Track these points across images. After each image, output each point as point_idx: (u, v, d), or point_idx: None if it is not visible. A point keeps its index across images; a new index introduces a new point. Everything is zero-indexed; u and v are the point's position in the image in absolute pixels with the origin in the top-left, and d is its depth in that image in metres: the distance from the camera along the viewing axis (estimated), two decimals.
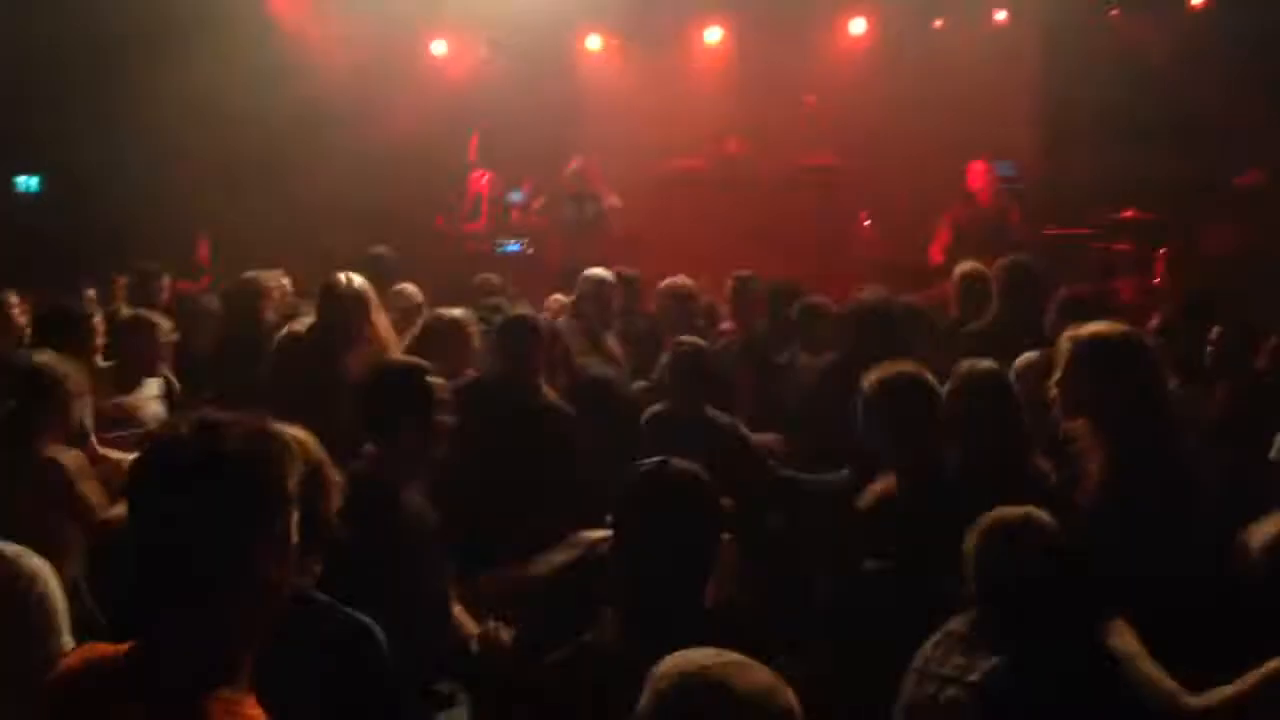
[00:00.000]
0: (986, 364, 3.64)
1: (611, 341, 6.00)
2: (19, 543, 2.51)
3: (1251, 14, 9.74)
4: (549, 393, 4.55)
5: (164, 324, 5.17)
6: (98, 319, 5.09)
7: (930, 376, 3.58)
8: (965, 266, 6.03)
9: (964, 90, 11.15)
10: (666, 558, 2.38)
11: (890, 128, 11.02)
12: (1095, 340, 3.36)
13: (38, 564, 2.47)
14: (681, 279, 6.29)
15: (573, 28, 11.72)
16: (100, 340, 5.01)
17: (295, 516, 1.72)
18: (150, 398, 5.05)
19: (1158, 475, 3.17)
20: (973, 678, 2.56)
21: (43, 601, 2.41)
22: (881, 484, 3.54)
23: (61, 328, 4.69)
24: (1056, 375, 3.37)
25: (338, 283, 4.90)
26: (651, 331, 6.22)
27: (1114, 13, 10.75)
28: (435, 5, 10.98)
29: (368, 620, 2.40)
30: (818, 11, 11.30)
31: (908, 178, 10.46)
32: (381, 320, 4.99)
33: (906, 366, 3.59)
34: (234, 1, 10.09)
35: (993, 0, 10.95)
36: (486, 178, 9.65)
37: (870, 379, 3.55)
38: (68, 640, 2.42)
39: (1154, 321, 5.49)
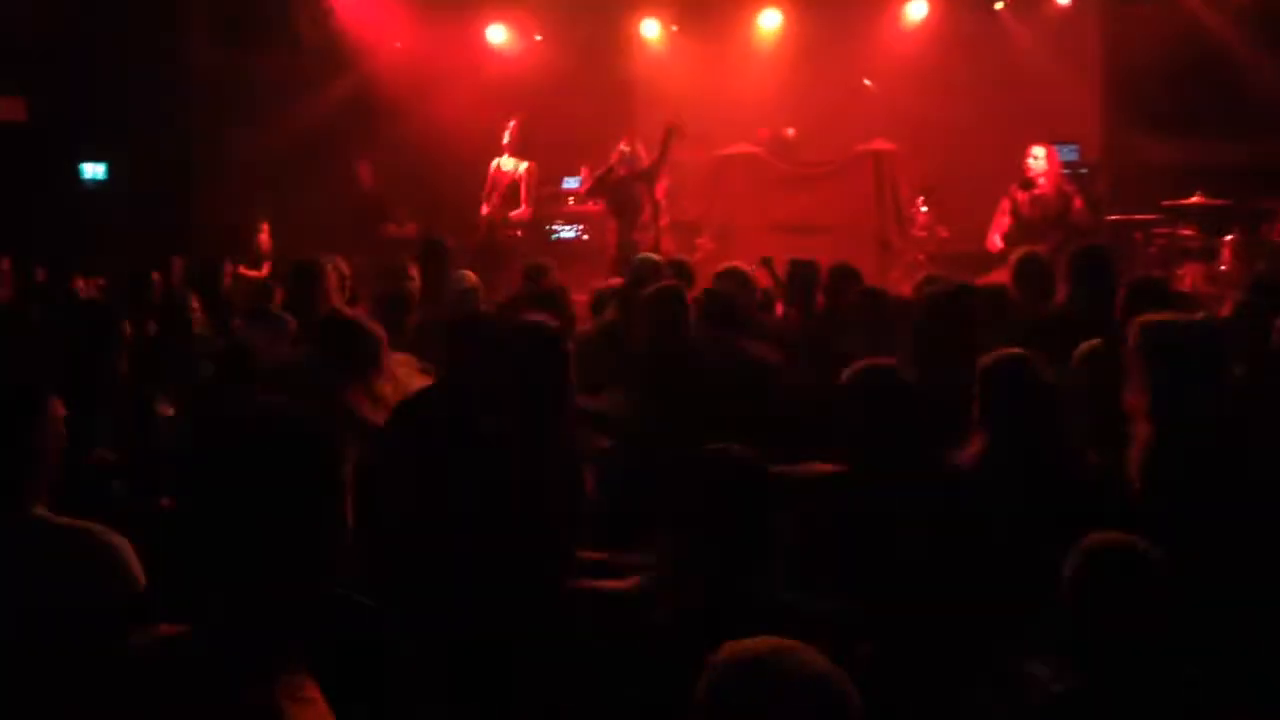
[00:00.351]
0: (1010, 353, 3.54)
1: None
2: None
3: None
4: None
5: None
6: None
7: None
8: (1022, 252, 5.94)
9: (1025, 73, 11.03)
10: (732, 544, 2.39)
11: (949, 112, 10.93)
12: (1165, 327, 3.31)
13: (118, 540, 2.51)
14: (738, 264, 6.26)
15: (629, 13, 11.70)
16: None
17: (349, 501, 1.74)
18: None
19: (1210, 463, 3.14)
20: (1056, 689, 2.52)
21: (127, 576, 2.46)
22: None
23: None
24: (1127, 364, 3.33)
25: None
26: None
27: None
28: None
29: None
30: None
31: (966, 162, 10.35)
32: None
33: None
34: None
35: None
36: (525, 165, 9.61)
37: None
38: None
39: (1225, 309, 5.37)
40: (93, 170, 10.48)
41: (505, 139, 9.66)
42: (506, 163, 9.69)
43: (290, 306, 5.96)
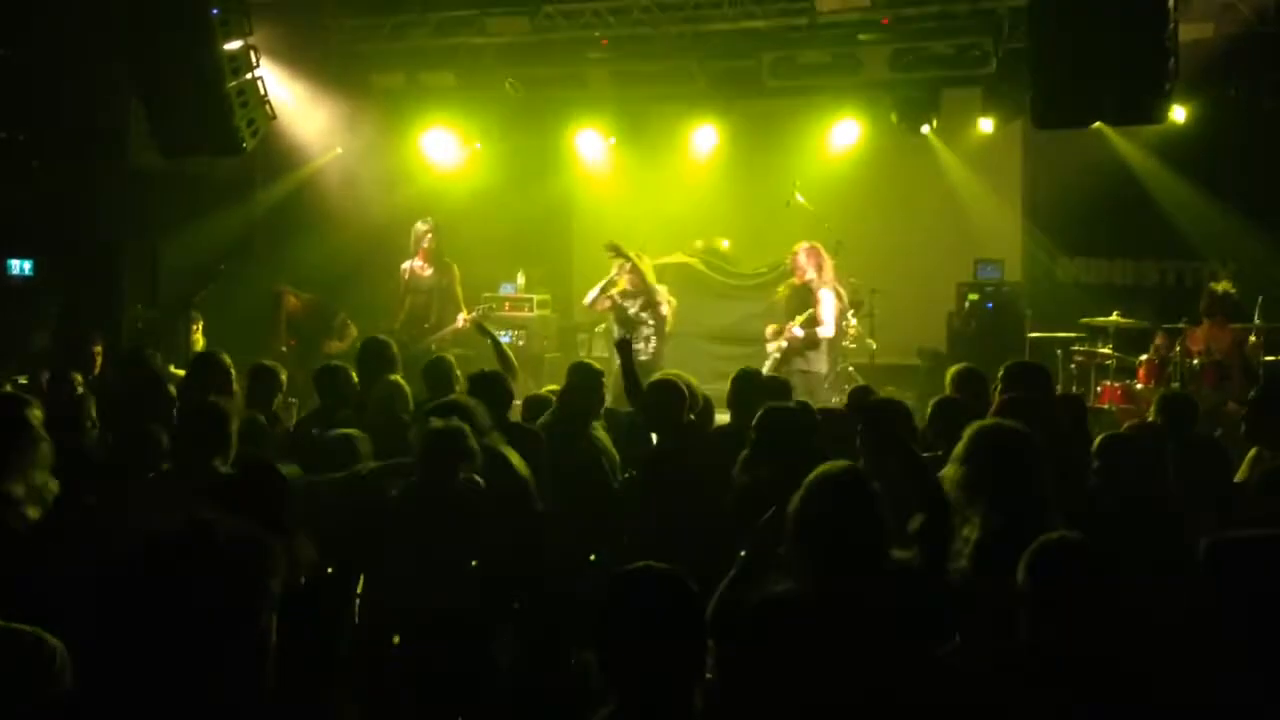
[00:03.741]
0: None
1: (600, 432, 6.07)
2: None
3: (1227, 128, 10.07)
4: None
5: None
6: None
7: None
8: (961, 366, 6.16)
9: (952, 194, 11.48)
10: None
11: (879, 227, 11.28)
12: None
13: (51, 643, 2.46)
14: (674, 373, 6.33)
15: (567, 124, 11.95)
16: None
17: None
18: None
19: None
20: None
21: None
22: None
23: None
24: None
25: None
26: (633, 425, 6.28)
27: None
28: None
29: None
30: (808, 116, 11.55)
31: (896, 276, 10.64)
32: None
33: None
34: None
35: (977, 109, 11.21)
36: (449, 271, 9.69)
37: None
38: None
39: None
40: (19, 266, 10.34)
41: (425, 244, 9.64)
42: (424, 269, 9.64)
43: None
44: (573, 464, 5.71)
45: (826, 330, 8.92)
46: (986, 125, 11.13)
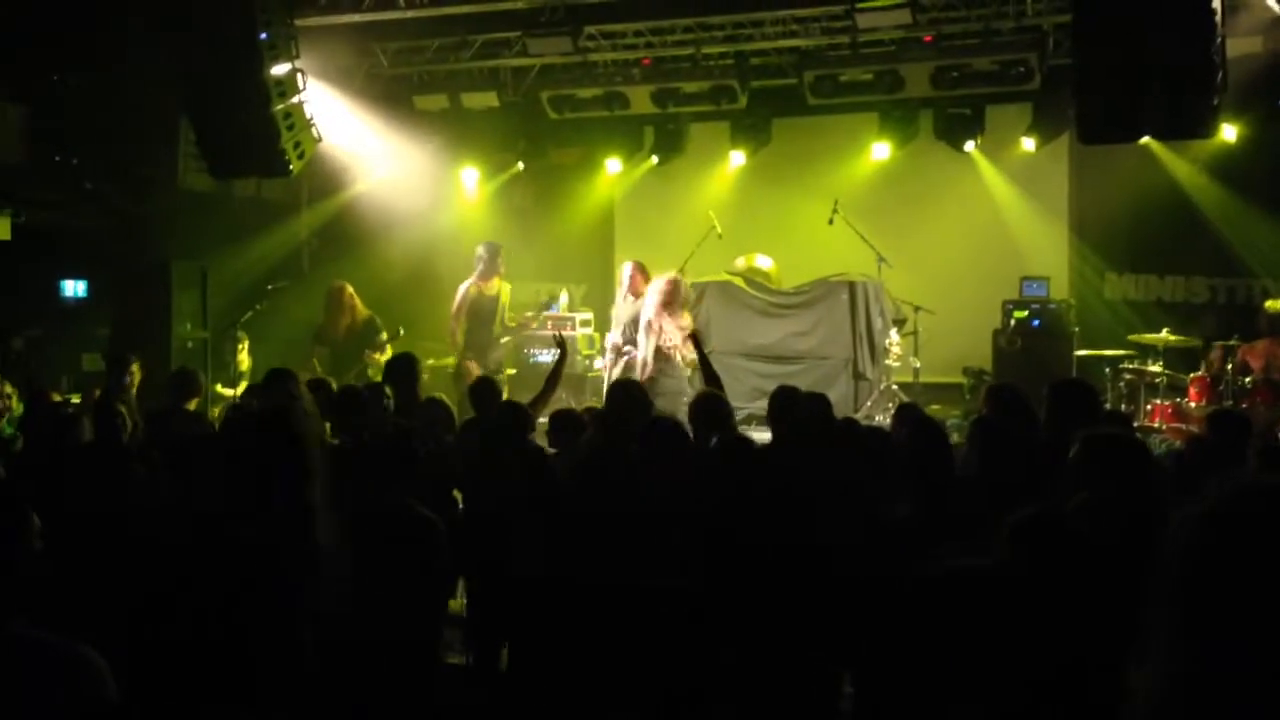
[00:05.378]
0: None
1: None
2: None
3: (1276, 143, 9.92)
4: None
5: None
6: None
7: None
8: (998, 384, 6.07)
9: (996, 211, 11.40)
10: None
11: (923, 244, 11.21)
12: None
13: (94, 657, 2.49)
14: (708, 389, 6.32)
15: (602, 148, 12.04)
16: None
17: None
18: None
19: None
20: None
21: None
22: None
23: None
24: None
25: None
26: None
27: None
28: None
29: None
30: (850, 134, 11.52)
31: (941, 294, 10.56)
32: None
33: None
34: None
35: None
36: (506, 288, 10.01)
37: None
38: None
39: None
40: (73, 287, 10.53)
41: (486, 266, 9.93)
42: (489, 288, 9.91)
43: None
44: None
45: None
46: (1030, 143, 11.02)
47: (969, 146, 10.97)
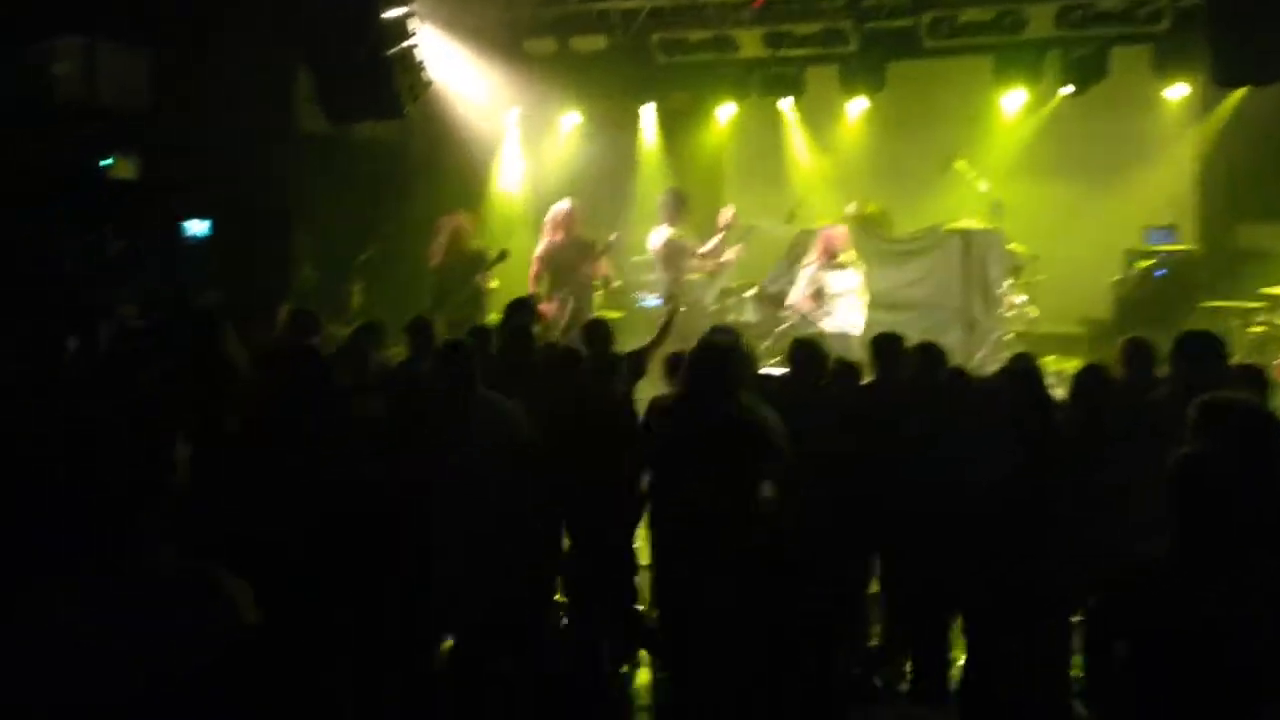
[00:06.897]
0: None
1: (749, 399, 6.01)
2: None
3: None
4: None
5: None
6: None
7: None
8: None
9: (1120, 159, 10.97)
10: None
11: (1041, 193, 10.88)
12: None
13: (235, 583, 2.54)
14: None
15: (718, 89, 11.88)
16: None
17: None
18: None
19: None
20: None
21: None
22: None
23: None
24: None
25: None
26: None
27: None
28: None
29: None
30: (967, 77, 11.18)
31: (1058, 243, 10.26)
32: None
33: None
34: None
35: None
36: (614, 235, 9.73)
37: None
38: None
39: None
40: (196, 227, 10.83)
41: (562, 218, 9.55)
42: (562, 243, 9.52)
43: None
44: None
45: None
46: (1159, 86, 10.56)
47: (1090, 90, 10.56)
